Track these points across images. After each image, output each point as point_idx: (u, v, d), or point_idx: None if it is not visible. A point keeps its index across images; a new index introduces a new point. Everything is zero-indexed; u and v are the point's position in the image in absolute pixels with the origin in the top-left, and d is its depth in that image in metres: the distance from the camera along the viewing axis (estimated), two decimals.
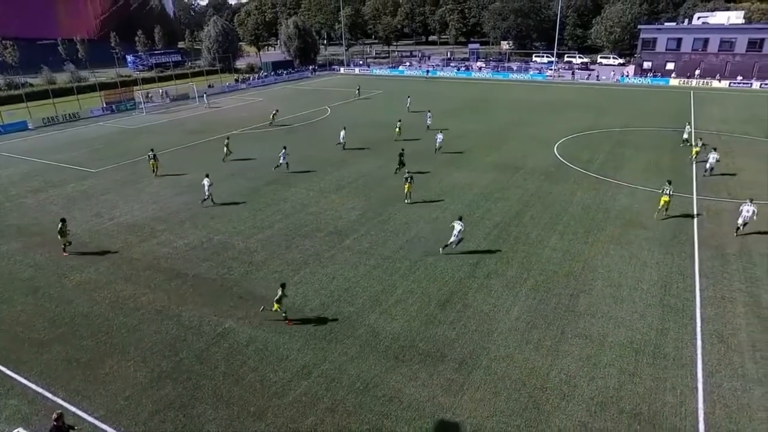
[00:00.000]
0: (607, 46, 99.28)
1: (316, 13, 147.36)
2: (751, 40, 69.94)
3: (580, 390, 13.49)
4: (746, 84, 67.27)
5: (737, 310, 16.89)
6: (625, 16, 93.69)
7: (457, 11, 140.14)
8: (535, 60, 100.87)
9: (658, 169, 31.78)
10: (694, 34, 73.69)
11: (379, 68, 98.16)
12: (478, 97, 63.38)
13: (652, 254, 20.80)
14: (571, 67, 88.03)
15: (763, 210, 25.11)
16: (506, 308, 17.22)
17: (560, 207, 25.97)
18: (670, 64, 75.05)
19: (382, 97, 65.92)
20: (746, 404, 12.91)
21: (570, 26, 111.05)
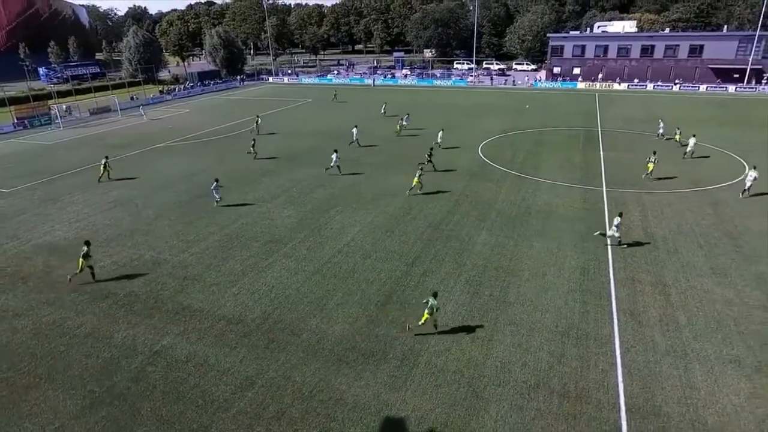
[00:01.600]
0: (520, 53, 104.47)
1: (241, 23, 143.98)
2: (643, 47, 76.33)
3: (514, 375, 14.05)
4: (642, 86, 73.18)
5: (646, 290, 18.30)
6: (535, 25, 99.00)
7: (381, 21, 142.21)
8: (457, 67, 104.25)
9: (572, 165, 33.81)
10: (595, 42, 79.27)
11: (308, 77, 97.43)
12: (407, 103, 64.47)
13: (571, 244, 22.08)
14: (489, 73, 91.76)
15: (666, 198, 27.42)
16: (442, 304, 17.57)
17: (487, 205, 26.95)
18: (576, 68, 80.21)
19: (311, 105, 65.43)
20: (658, 373, 14.01)
21: (486, 35, 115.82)
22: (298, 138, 44.12)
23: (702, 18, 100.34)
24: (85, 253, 19.04)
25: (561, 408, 12.88)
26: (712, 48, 72.81)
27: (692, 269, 19.67)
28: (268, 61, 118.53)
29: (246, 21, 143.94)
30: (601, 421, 12.46)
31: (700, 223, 24.02)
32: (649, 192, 28.31)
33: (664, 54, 75.37)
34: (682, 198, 27.38)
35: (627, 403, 13.00)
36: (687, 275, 19.23)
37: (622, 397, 13.19)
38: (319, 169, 33.89)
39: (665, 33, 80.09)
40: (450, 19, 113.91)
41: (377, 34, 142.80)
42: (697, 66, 73.79)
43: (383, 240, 22.88)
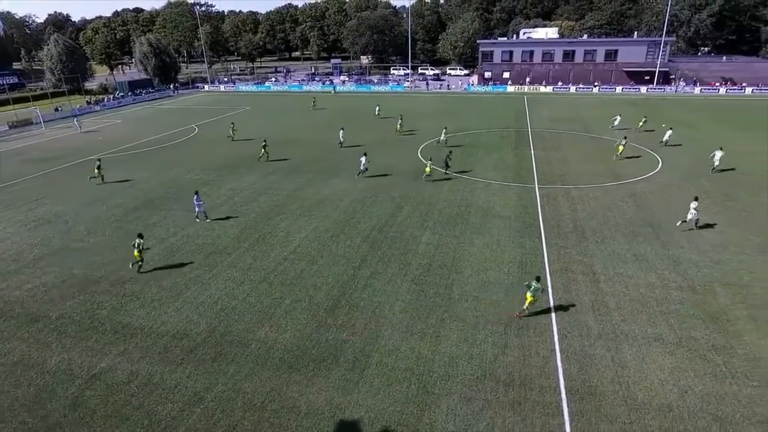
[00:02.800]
0: (453, 58, 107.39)
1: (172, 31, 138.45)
2: (565, 52, 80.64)
3: (461, 369, 14.36)
4: (565, 88, 77.18)
5: (578, 278, 19.28)
6: (465, 32, 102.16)
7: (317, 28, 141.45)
8: (393, 73, 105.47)
9: (506, 165, 35.09)
10: (522, 48, 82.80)
11: (245, 85, 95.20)
12: (346, 108, 64.47)
13: (509, 239, 22.90)
14: (425, 78, 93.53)
15: (592, 192, 29.01)
16: (390, 304, 17.72)
17: (428, 205, 27.41)
18: (506, 73, 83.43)
19: (250, 113, 64.00)
20: (592, 356, 14.79)
21: (421, 41, 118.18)
22: (237, 146, 42.97)
23: (614, 25, 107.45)
24: (138, 245, 20.02)
25: (507, 396, 13.30)
26: (625, 52, 78.08)
27: (618, 257, 20.94)
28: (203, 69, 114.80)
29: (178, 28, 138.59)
30: (545, 405, 12.98)
31: (623, 214, 25.62)
32: (577, 187, 29.88)
33: (583, 58, 79.94)
34: (606, 191, 29.10)
35: (567, 386, 13.63)
36: (614, 263, 20.44)
37: (562, 381, 13.81)
38: (262, 177, 33.24)
39: (584, 39, 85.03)
40: (384, 26, 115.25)
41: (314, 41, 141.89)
42: (612, 69, 78.81)
43: (329, 245, 22.72)
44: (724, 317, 16.56)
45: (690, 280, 18.94)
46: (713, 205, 26.41)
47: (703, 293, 18.01)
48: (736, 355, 14.68)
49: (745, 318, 16.49)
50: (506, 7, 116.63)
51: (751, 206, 26.25)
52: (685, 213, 23.56)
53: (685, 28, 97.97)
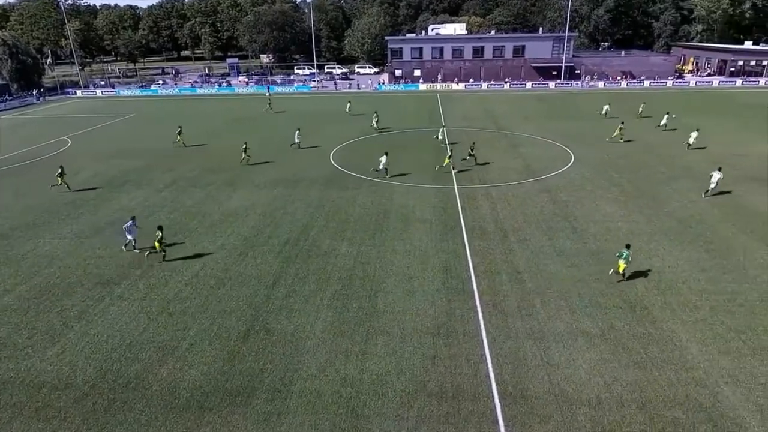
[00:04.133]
0: (361, 56, 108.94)
1: (32, 28, 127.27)
2: (474, 48, 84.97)
3: (391, 385, 14.49)
4: (477, 85, 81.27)
5: (503, 279, 20.28)
6: (372, 28, 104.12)
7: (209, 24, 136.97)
8: (298, 72, 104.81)
9: (422, 165, 36.14)
10: (431, 44, 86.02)
11: (128, 89, 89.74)
12: (246, 112, 62.92)
13: (432, 244, 23.57)
14: (333, 78, 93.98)
15: (510, 190, 30.68)
16: (310, 324, 17.48)
17: (345, 214, 27.47)
18: (417, 70, 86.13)
19: (135, 121, 60.39)
20: (522, 357, 15.61)
21: (325, 39, 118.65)
22: (124, 159, 40.32)
23: (521, 21, 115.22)
24: (159, 239, 21.70)
25: (441, 409, 13.62)
26: (532, 48, 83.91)
27: (540, 254, 22.33)
28: (74, 72, 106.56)
29: (38, 24, 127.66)
30: (479, 414, 13.45)
31: (541, 210, 27.39)
32: (495, 186, 31.50)
33: (493, 54, 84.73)
34: (523, 189, 30.97)
35: (499, 391, 14.24)
36: (537, 260, 21.77)
37: (495, 386, 14.41)
38: (155, 192, 31.45)
39: (492, 35, 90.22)
40: (285, 22, 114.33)
41: (206, 39, 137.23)
42: (521, 65, 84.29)
43: (237, 265, 21.98)
44: (641, 305, 18.23)
45: (608, 271, 20.63)
46: (622, 196, 29.07)
47: (620, 283, 19.70)
48: (654, 342, 16.20)
49: (659, 304, 18.27)
50: (413, 2, 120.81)
51: (657, 196, 29.21)
52: (708, 183, 28.71)
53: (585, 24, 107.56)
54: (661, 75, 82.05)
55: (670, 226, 25.01)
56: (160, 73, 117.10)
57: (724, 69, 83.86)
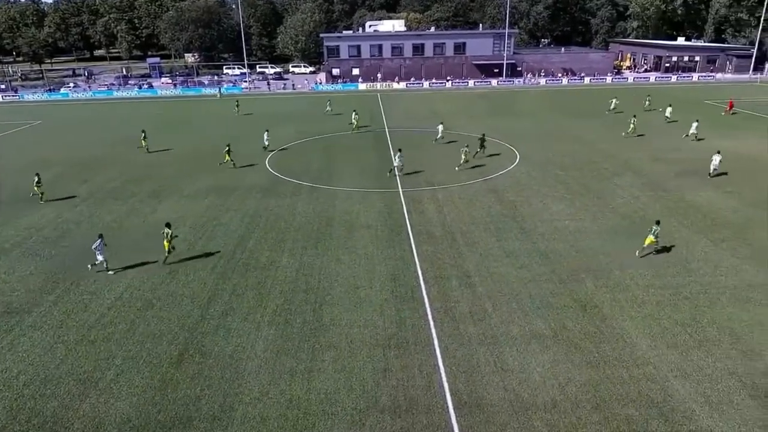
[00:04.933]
0: (296, 54, 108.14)
1: None
2: (414, 45, 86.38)
3: (341, 403, 14.37)
4: (419, 83, 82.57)
5: (453, 284, 20.63)
6: (306, 24, 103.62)
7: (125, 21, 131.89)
8: (227, 72, 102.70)
9: (367, 169, 36.28)
10: (370, 41, 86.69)
11: (33, 93, 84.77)
12: (173, 117, 60.93)
13: (378, 251, 23.64)
14: (265, 78, 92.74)
15: (457, 192, 31.28)
16: (251, 343, 17.08)
17: (284, 223, 27.11)
18: (355, 69, 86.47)
19: (43, 128, 57.10)
20: (475, 364, 15.90)
21: (256, 36, 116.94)
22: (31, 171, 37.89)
23: (460, 17, 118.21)
24: (169, 236, 22.27)
25: (394, 424, 13.63)
26: (473, 45, 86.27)
27: (490, 257, 22.89)
28: None
29: None
30: (434, 427, 13.57)
31: (488, 211, 28.11)
32: (441, 187, 32.05)
33: (433, 52, 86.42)
34: (469, 189, 31.69)
35: (454, 401, 14.43)
36: (487, 263, 22.29)
37: (449, 397, 14.59)
38: (69, 208, 29.80)
39: (432, 32, 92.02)
40: (210, 18, 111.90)
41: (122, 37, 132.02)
42: (463, 63, 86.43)
43: (167, 284, 21.18)
44: (591, 304, 19.04)
45: (558, 271, 21.44)
46: (568, 195, 30.34)
47: (570, 282, 20.51)
48: (605, 340, 16.95)
49: (609, 302, 19.15)
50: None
51: (602, 193, 30.68)
52: (709, 165, 32.57)
53: (525, 20, 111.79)
54: (600, 71, 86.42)
55: (615, 222, 26.31)
56: (70, 74, 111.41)
57: (659, 65, 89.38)
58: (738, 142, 41.67)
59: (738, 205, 28.27)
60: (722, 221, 26.16)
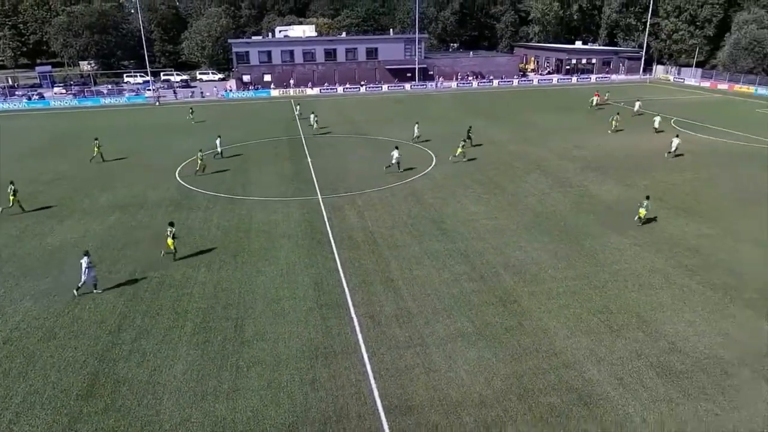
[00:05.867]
0: (203, 61, 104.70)
1: None
2: (326, 51, 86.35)
3: (270, 420, 14.04)
4: (332, 89, 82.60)
5: (377, 289, 20.78)
6: (212, 30, 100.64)
7: (9, 26, 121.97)
8: (129, 81, 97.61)
9: (284, 178, 35.78)
10: (281, 47, 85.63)
11: None
12: (66, 130, 56.97)
13: (300, 260, 23.37)
14: (171, 86, 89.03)
15: (376, 196, 31.53)
16: (168, 367, 16.30)
17: (199, 237, 26.13)
18: (267, 76, 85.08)
19: None
20: (404, 367, 16.11)
21: (159, 42, 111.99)
22: None
23: (370, 23, 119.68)
24: (171, 233, 23.01)
25: None
26: (385, 50, 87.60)
27: (412, 259, 23.29)
28: None
29: None
30: None
31: (408, 214, 28.61)
32: (361, 193, 32.24)
33: (346, 57, 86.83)
34: (389, 193, 32.12)
35: (384, 406, 14.52)
36: (409, 266, 22.66)
37: (379, 402, 14.67)
38: None
39: (344, 37, 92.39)
40: (107, 23, 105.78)
41: (6, 44, 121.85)
42: (376, 67, 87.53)
43: (71, 310, 19.74)
44: (510, 299, 19.88)
45: (478, 269, 22.19)
46: (484, 194, 31.53)
47: (490, 280, 21.31)
48: (525, 333, 17.75)
49: (527, 296, 20.08)
50: (256, 2, 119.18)
51: (515, 192, 32.15)
52: (669, 145, 38.14)
53: (434, 25, 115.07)
54: (507, 74, 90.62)
55: (528, 219, 27.66)
56: None
57: (560, 67, 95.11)
58: (635, 137, 45.21)
59: (637, 197, 30.61)
60: (623, 212, 28.23)
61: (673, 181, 33.36)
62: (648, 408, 14.26)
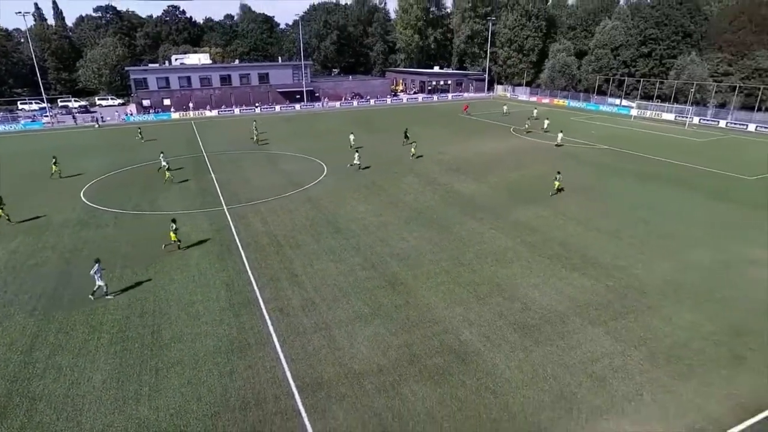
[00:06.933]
0: (101, 87, 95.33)
1: None
2: (222, 76, 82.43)
3: (192, 413, 13.20)
4: (230, 111, 79.08)
5: (284, 285, 20.31)
6: (109, 58, 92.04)
7: None
8: (24, 108, 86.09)
9: (190, 192, 33.63)
10: (178, 74, 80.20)
11: None
12: None
13: (211, 266, 22.15)
14: (70, 111, 79.93)
15: (277, 203, 30.71)
16: (87, 378, 14.70)
17: (109, 253, 23.74)
18: (166, 100, 79.34)
19: None
20: (312, 349, 15.92)
21: (53, 70, 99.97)
22: None
23: (260, 51, 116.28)
24: (174, 229, 23.09)
25: (246, 419, 12.97)
26: (275, 75, 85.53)
27: (312, 256, 23.04)
28: None
29: None
30: (283, 412, 13.25)
31: (307, 217, 28.24)
32: (263, 201, 31.25)
33: (240, 82, 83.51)
34: (289, 200, 31.48)
35: (297, 386, 14.26)
36: (310, 262, 22.39)
37: (293, 383, 14.38)
38: None
39: (237, 64, 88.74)
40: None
41: None
42: (268, 91, 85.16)
43: None
44: (398, 282, 20.40)
45: (369, 259, 22.48)
46: (369, 196, 32.01)
47: (380, 267, 21.69)
48: (411, 308, 18.33)
49: (411, 278, 20.72)
50: (150, 33, 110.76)
51: (396, 192, 32.98)
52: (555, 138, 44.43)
53: (317, 54, 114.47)
54: (381, 94, 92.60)
55: (408, 214, 28.53)
56: None
57: (424, 87, 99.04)
58: (478, 142, 48.38)
59: (490, 191, 32.85)
60: (481, 204, 30.13)
61: (514, 177, 36.21)
62: (510, 357, 15.39)
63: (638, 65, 77.06)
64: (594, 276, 20.63)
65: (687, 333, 16.59)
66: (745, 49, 64.93)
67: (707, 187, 33.44)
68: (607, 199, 30.86)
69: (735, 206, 29.39)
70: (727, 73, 66.91)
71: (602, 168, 38.44)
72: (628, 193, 31.99)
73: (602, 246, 23.65)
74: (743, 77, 65.05)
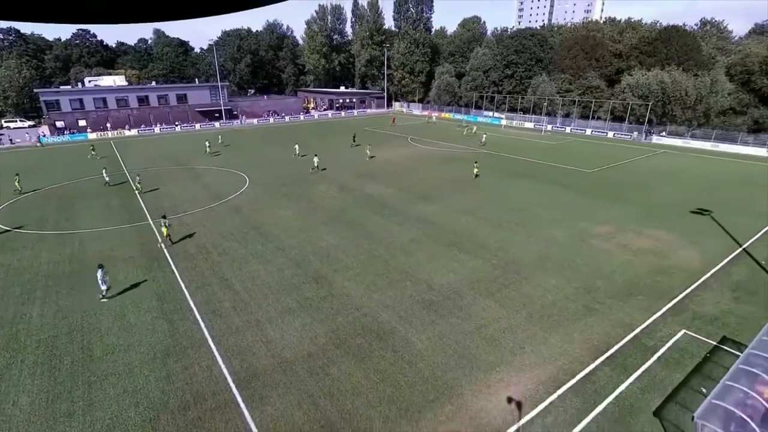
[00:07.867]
0: (8, 110, 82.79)
1: None
2: (139, 97, 75.46)
3: (130, 420, 12.00)
4: (150, 130, 72.66)
5: (215, 289, 19.17)
6: (14, 81, 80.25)
7: None
8: None
9: (112, 209, 30.45)
10: (92, 95, 72.01)
11: None
12: None
13: (141, 277, 20.24)
14: None
15: (203, 215, 28.82)
16: (12, 401, 12.76)
17: (28, 275, 20.77)
18: (81, 121, 70.91)
19: None
20: (246, 346, 15.22)
21: None
22: None
23: (176, 73, 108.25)
24: (165, 224, 23.07)
25: (186, 418, 12.09)
26: (194, 96, 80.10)
27: (241, 260, 21.98)
28: None
29: None
30: (222, 406, 12.53)
31: (233, 225, 26.87)
32: (188, 213, 29.20)
33: (158, 102, 77.07)
34: (214, 211, 29.73)
35: (234, 380, 13.56)
36: (239, 266, 21.35)
37: (229, 378, 13.65)
38: None
39: (154, 86, 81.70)
40: None
41: None
42: (187, 110, 79.54)
43: None
44: (320, 277, 20.16)
45: (293, 259, 21.96)
46: (290, 201, 31.26)
47: (304, 265, 21.29)
48: (334, 298, 18.23)
49: (331, 272, 20.59)
50: (61, 56, 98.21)
51: (312, 198, 32.52)
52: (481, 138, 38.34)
53: (232, 75, 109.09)
54: (294, 111, 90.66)
55: (325, 216, 28.28)
56: None
57: (332, 105, 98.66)
58: (384, 150, 49.38)
59: (394, 192, 33.59)
60: (387, 203, 30.75)
61: (413, 180, 37.44)
62: (420, 330, 15.91)
63: (504, 84, 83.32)
64: (482, 257, 22.00)
65: (553, 295, 18.34)
66: (580, 72, 73.07)
67: (560, 179, 37.14)
68: (488, 193, 33.05)
69: (581, 193, 33.00)
70: (568, 90, 74.71)
71: (483, 168, 41.14)
72: (503, 187, 34.54)
73: (487, 232, 25.29)
74: (580, 93, 73.07)
